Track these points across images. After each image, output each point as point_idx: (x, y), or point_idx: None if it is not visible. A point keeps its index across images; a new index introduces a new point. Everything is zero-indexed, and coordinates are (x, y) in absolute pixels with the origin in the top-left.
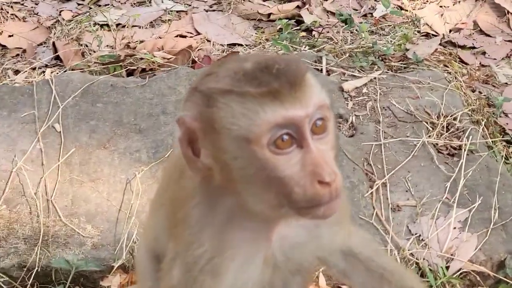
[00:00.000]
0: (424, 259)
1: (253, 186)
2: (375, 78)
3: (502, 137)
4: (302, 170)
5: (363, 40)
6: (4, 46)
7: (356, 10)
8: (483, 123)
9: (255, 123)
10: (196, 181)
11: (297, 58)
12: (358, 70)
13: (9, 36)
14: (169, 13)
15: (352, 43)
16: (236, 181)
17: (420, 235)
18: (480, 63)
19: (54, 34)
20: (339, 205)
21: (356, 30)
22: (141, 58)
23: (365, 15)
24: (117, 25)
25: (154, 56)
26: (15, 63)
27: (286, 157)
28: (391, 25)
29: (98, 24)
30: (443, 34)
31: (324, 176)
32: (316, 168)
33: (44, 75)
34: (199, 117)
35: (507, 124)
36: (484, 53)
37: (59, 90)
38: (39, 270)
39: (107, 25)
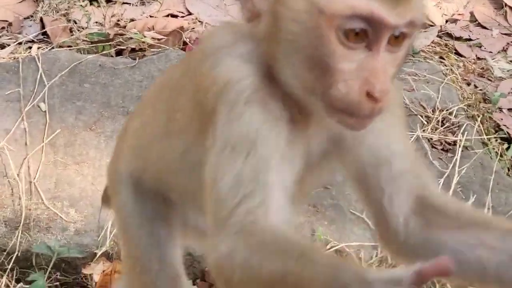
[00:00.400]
0: None
1: (297, 57)
2: None
3: (497, 133)
4: (357, 71)
5: None
6: None
7: None
8: (479, 119)
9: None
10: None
11: None
12: None
13: None
14: None
15: None
16: (281, 42)
17: None
18: (476, 56)
19: (42, 8)
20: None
21: None
22: (131, 38)
23: None
24: (107, 1)
25: (144, 36)
26: (0, 37)
27: (348, 51)
28: None
29: (88, 0)
30: (441, 26)
31: (375, 89)
32: (371, 77)
33: (30, 51)
34: None
35: (501, 119)
36: (480, 45)
37: (46, 68)
38: (19, 254)
39: (97, 0)
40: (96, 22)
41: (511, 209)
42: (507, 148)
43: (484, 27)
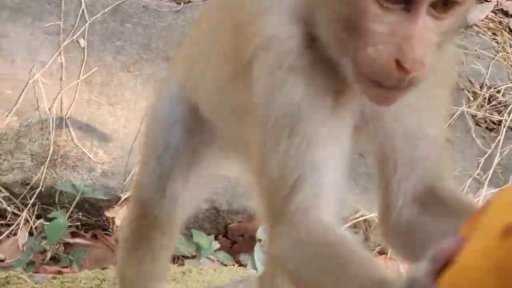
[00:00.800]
0: None
1: (333, 14)
2: None
3: None
4: (390, 35)
5: None
6: None
7: None
8: None
9: None
10: None
11: None
12: None
13: None
14: None
15: None
16: None
17: None
18: None
19: None
20: (401, 98)
21: None
22: None
23: None
24: None
25: None
26: None
27: (384, 11)
28: None
29: None
30: (497, 1)
31: (407, 58)
32: (405, 45)
33: None
34: None
35: None
36: None
37: (89, 3)
38: (43, 189)
39: None
40: None
41: None
42: None
43: None
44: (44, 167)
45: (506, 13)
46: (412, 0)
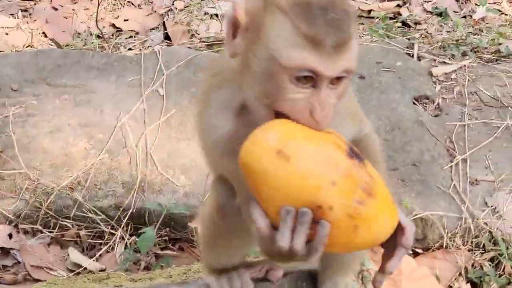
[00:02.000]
0: (497, 229)
1: (259, 85)
2: (464, 65)
3: None
4: (305, 101)
5: (457, 32)
6: (118, 29)
7: (456, 12)
8: None
9: (292, 57)
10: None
11: (353, 13)
12: (449, 58)
13: (125, 20)
14: None
15: (446, 34)
16: (249, 75)
17: (495, 208)
18: None
19: (166, 20)
20: None
21: (452, 26)
22: None
23: (464, 17)
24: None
25: None
26: (127, 39)
27: (298, 88)
28: (489, 26)
29: (208, 14)
30: None
31: (318, 114)
32: (316, 105)
33: (153, 49)
34: (253, 14)
35: None
36: None
37: (165, 60)
38: (133, 211)
39: (217, 15)
40: (214, 32)
41: None
42: None
43: None
44: (134, 192)
45: None
46: (317, 81)
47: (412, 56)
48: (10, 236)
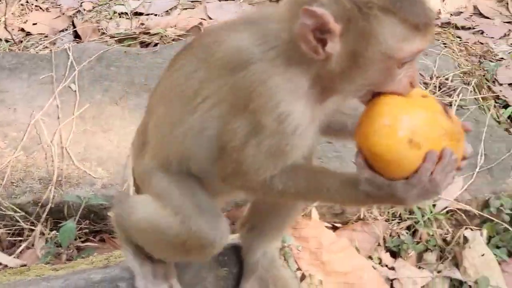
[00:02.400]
0: None
1: (364, 78)
2: None
3: (496, 103)
4: (407, 77)
5: None
6: (28, 33)
7: None
8: (473, 81)
9: (403, 49)
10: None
11: None
12: None
13: (33, 24)
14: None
15: None
16: (350, 71)
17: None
18: (478, 41)
19: (75, 20)
20: None
21: None
22: (155, 34)
23: None
24: (135, 13)
25: (166, 30)
26: (37, 42)
27: (403, 69)
28: None
29: (117, 12)
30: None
31: (415, 82)
32: (414, 78)
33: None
34: (345, 19)
35: (501, 91)
36: (482, 32)
37: (76, 56)
38: (52, 206)
39: (126, 13)
40: (124, 29)
41: (501, 156)
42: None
43: (487, 17)
44: (51, 187)
45: (454, 27)
46: (413, 59)
47: None
48: None
